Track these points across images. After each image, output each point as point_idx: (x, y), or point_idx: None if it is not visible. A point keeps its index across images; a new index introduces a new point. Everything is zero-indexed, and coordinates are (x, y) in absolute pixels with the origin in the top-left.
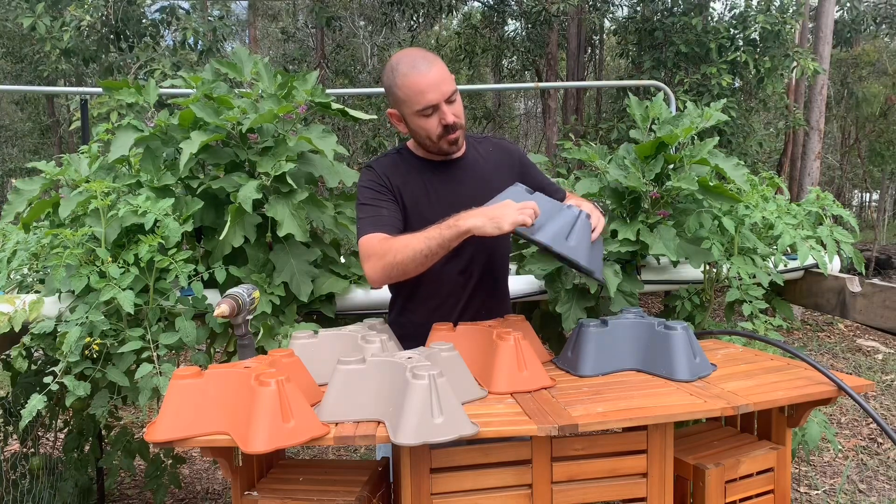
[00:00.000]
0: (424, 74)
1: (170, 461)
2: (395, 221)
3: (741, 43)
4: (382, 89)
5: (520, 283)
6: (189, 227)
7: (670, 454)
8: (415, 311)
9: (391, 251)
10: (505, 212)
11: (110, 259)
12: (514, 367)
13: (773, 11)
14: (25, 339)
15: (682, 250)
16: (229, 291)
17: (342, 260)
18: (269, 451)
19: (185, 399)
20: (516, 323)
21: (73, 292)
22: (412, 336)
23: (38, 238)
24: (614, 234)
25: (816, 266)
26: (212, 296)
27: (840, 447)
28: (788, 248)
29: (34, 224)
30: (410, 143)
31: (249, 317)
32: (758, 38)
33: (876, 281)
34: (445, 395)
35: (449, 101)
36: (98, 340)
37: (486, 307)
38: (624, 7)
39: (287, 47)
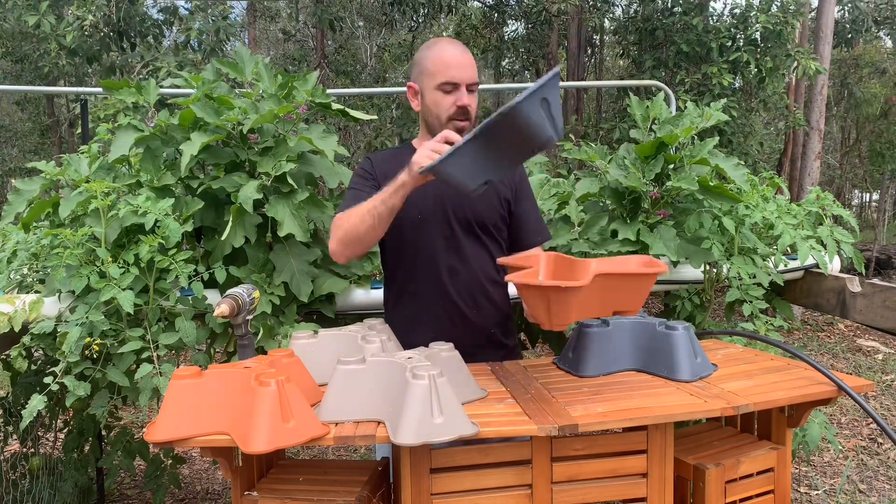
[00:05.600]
0: (459, 55)
1: (169, 461)
2: None
3: (742, 42)
4: (383, 89)
5: None
6: (189, 227)
7: (670, 454)
8: (406, 305)
9: (345, 220)
10: (419, 156)
11: (110, 259)
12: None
13: (775, 10)
14: (25, 339)
15: (682, 250)
16: (229, 291)
17: None
18: (269, 451)
19: (185, 399)
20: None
21: (73, 292)
22: (401, 331)
23: (38, 238)
24: (614, 234)
25: (816, 266)
26: (212, 296)
27: (840, 447)
28: (788, 248)
29: (34, 224)
30: (416, 141)
31: (249, 317)
32: (759, 37)
33: (876, 281)
34: (445, 395)
35: (469, 89)
36: (98, 340)
37: (477, 305)
38: (622, 7)
39: (287, 48)
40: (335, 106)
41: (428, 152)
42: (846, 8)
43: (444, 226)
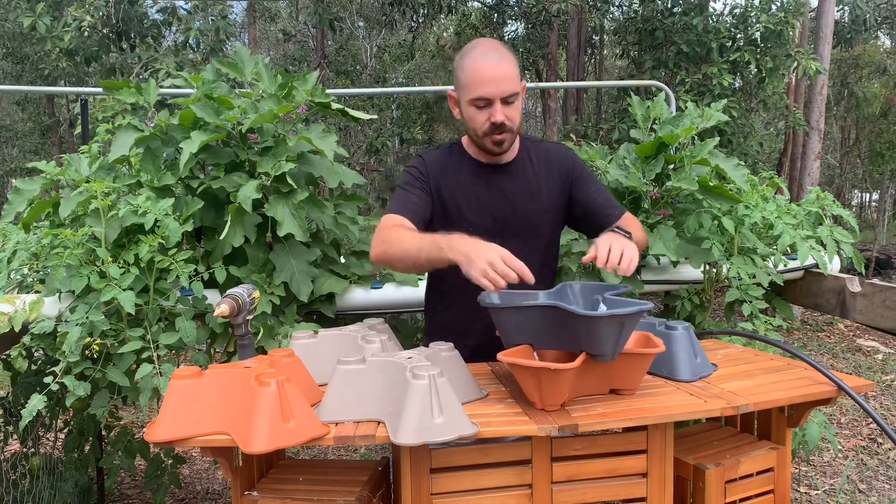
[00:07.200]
0: (491, 67)
1: (170, 461)
2: (419, 210)
3: (742, 42)
4: (383, 90)
5: None
6: (189, 227)
7: (670, 454)
8: (447, 308)
9: (391, 240)
10: (480, 259)
11: (110, 259)
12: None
13: (775, 10)
14: (25, 339)
15: (682, 250)
16: (229, 291)
17: (342, 260)
18: (269, 451)
19: (185, 399)
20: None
21: (73, 292)
22: (445, 330)
23: (38, 238)
24: None
25: (816, 266)
26: (212, 296)
27: (840, 447)
28: (788, 248)
29: (34, 224)
30: (465, 140)
31: (249, 317)
32: (759, 37)
33: (876, 281)
34: (445, 395)
35: (506, 101)
36: (98, 340)
37: None
38: (622, 7)
39: (287, 48)
40: (335, 106)
41: (492, 272)
42: (848, 7)
43: (495, 237)
